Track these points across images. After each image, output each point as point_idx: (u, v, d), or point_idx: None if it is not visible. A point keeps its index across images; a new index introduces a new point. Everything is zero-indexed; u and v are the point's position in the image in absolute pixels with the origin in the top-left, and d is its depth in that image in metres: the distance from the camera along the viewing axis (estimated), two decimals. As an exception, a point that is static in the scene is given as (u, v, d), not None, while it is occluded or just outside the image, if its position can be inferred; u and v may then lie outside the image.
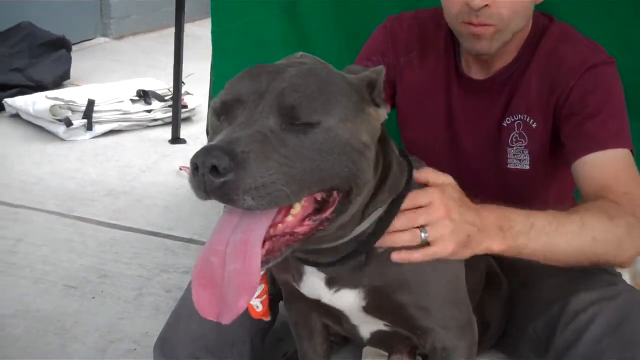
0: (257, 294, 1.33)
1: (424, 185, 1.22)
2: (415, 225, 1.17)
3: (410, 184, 1.22)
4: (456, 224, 1.18)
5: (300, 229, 1.05)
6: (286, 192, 0.96)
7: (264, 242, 1.00)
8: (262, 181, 0.94)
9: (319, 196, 1.05)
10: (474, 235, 1.21)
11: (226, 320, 0.98)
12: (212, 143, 0.96)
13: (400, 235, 1.17)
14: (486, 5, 1.48)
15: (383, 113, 1.15)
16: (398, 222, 1.17)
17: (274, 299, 1.59)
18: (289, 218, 1.04)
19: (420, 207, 1.18)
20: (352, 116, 1.05)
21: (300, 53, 1.24)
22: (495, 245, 1.24)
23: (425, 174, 1.23)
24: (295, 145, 0.99)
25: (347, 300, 1.27)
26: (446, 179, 1.24)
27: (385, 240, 1.17)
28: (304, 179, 0.99)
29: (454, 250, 1.19)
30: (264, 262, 1.00)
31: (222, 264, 0.98)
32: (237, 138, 0.96)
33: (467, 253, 1.22)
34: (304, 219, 1.05)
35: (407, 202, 1.18)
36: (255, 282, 0.97)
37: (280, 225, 1.03)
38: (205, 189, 0.93)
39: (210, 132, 1.11)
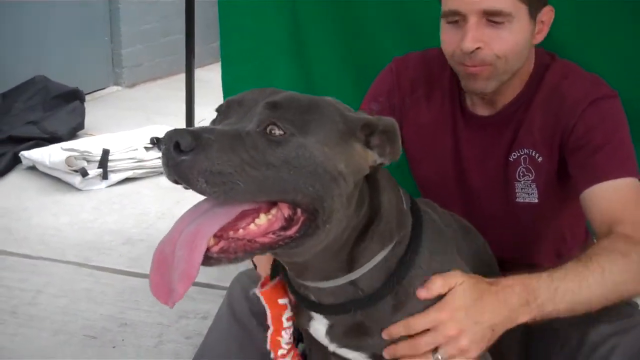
0: (283, 351, 1.36)
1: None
2: (422, 352, 1.18)
3: (419, 244, 1.23)
4: (473, 332, 1.18)
5: (260, 239, 1.07)
6: (241, 188, 0.99)
7: (219, 240, 1.04)
8: (218, 168, 0.98)
9: (286, 213, 1.07)
10: (499, 326, 1.22)
11: (171, 303, 1.02)
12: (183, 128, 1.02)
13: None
14: (478, 47, 1.51)
15: (373, 157, 1.15)
16: (400, 351, 1.19)
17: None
18: (252, 227, 1.06)
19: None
20: (331, 142, 1.08)
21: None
22: (523, 319, 1.25)
23: (431, 289, 1.21)
24: (266, 151, 1.02)
25: (352, 356, 1.28)
26: (455, 279, 1.22)
27: None
28: (265, 184, 1.02)
29: (478, 352, 1.20)
30: (214, 260, 1.04)
31: (172, 252, 1.03)
32: (211, 129, 1.02)
33: (494, 340, 1.23)
34: (268, 232, 1.07)
35: (402, 329, 1.20)
36: (194, 271, 1.01)
37: (240, 230, 1.06)
38: (167, 164, 0.99)
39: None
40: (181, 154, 0.97)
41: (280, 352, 1.36)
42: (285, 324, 1.33)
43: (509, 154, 1.66)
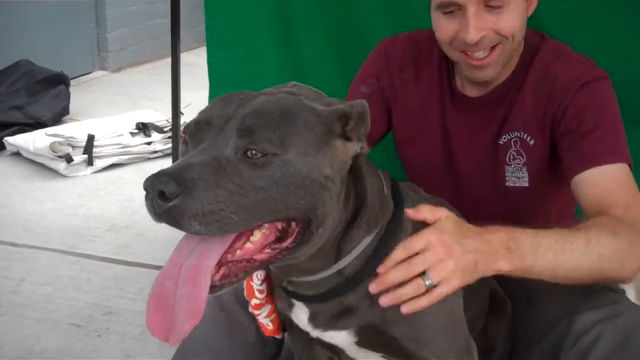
0: (265, 313, 1.35)
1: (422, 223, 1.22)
2: (414, 275, 1.16)
3: (401, 220, 1.22)
4: (458, 258, 1.18)
5: (258, 256, 1.07)
6: (235, 220, 0.98)
7: (220, 267, 1.03)
8: (209, 208, 0.96)
9: (280, 225, 1.06)
10: (480, 260, 1.20)
11: (173, 342, 1.01)
12: (164, 168, 0.99)
13: (402, 290, 1.16)
14: (482, 36, 1.49)
15: (353, 147, 1.14)
16: (394, 275, 1.16)
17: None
18: (248, 245, 1.06)
19: (416, 253, 1.17)
20: (313, 150, 1.05)
21: (293, 83, 1.26)
22: (503, 265, 1.23)
23: (419, 212, 1.22)
24: (250, 175, 1.00)
25: (338, 339, 1.27)
26: (442, 212, 1.23)
27: (389, 298, 1.16)
28: (257, 209, 1.00)
29: (461, 283, 1.19)
30: (218, 287, 1.03)
31: (175, 288, 1.02)
32: (190, 164, 0.99)
33: (475, 277, 1.22)
34: (264, 247, 1.07)
35: (400, 252, 1.18)
36: (202, 308, 1.00)
37: (238, 252, 1.05)
38: (154, 212, 0.97)
39: (181, 153, 1.14)
40: (167, 201, 0.95)
41: (254, 301, 1.34)
42: None
43: (498, 137, 1.65)
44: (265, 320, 1.37)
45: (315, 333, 1.29)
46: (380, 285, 1.17)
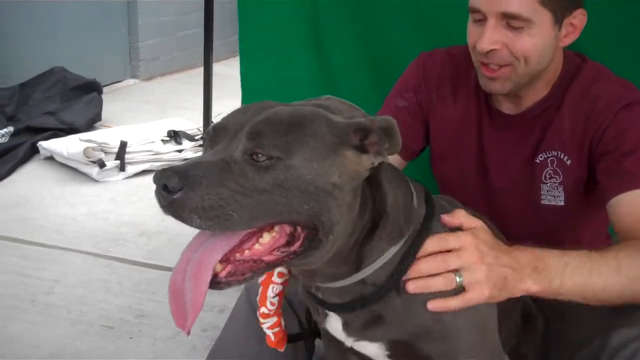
0: (269, 324, 1.39)
1: (457, 229, 1.23)
2: (448, 270, 1.17)
3: (429, 230, 1.22)
4: (491, 267, 1.18)
5: (266, 258, 1.09)
6: (235, 218, 1.01)
7: (227, 264, 1.06)
8: (209, 203, 0.99)
9: (288, 229, 1.09)
10: (510, 277, 1.21)
11: (186, 329, 1.05)
12: (174, 165, 1.04)
13: (433, 280, 1.17)
14: (494, 49, 1.51)
15: (369, 160, 1.14)
16: (427, 264, 1.17)
17: (307, 336, 1.61)
18: (257, 246, 1.08)
19: (450, 250, 1.18)
20: (319, 157, 1.07)
21: (327, 96, 1.28)
22: (532, 285, 1.24)
23: (457, 217, 1.24)
24: (254, 177, 1.03)
25: (370, 350, 1.28)
26: (479, 222, 1.24)
27: (418, 284, 1.17)
28: (259, 210, 1.03)
29: (491, 295, 1.19)
30: (223, 284, 1.06)
31: (182, 281, 1.06)
32: (198, 163, 1.04)
33: (503, 296, 1.22)
34: (273, 250, 1.09)
35: (433, 244, 1.18)
36: (201, 300, 1.04)
37: (247, 252, 1.08)
38: (160, 204, 1.02)
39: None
40: (171, 194, 0.99)
41: (262, 309, 1.36)
42: (276, 278, 1.34)
43: (535, 155, 1.65)
44: (269, 331, 1.39)
45: (349, 342, 1.30)
46: (413, 272, 1.18)
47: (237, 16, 2.62)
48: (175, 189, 0.99)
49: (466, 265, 1.17)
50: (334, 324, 1.31)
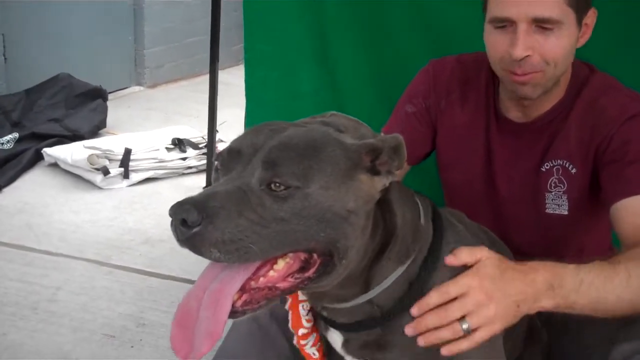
0: (311, 342, 1.37)
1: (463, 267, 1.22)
2: (450, 320, 1.17)
3: (439, 254, 1.22)
4: (499, 302, 1.18)
5: (281, 285, 1.08)
6: (254, 250, 1.00)
7: (242, 293, 1.05)
8: (229, 236, 0.98)
9: (302, 256, 1.08)
10: (523, 302, 1.21)
11: (190, 358, 1.04)
12: (190, 196, 1.02)
13: (440, 332, 1.17)
14: (528, 55, 1.50)
15: (381, 181, 1.14)
16: (431, 319, 1.17)
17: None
18: (272, 273, 1.07)
19: (455, 298, 1.18)
20: (336, 184, 1.07)
21: (331, 112, 1.27)
22: (547, 303, 1.24)
23: (458, 258, 1.22)
24: (272, 207, 1.02)
25: None
26: (482, 253, 1.23)
27: (427, 339, 1.17)
28: (277, 239, 1.02)
29: (503, 326, 1.19)
30: (239, 313, 1.05)
31: (197, 309, 1.04)
32: (215, 192, 1.02)
33: (518, 318, 1.22)
34: (287, 276, 1.09)
35: (435, 298, 1.18)
36: (220, 330, 1.02)
37: (262, 279, 1.07)
38: (178, 238, 1.00)
39: (213, 180, 1.17)
40: (190, 228, 0.97)
41: (301, 331, 1.35)
42: (302, 296, 1.32)
43: (541, 164, 1.65)
44: (312, 349, 1.37)
45: (348, 358, 1.30)
46: (416, 328, 1.18)
47: (241, 24, 2.62)
48: (195, 223, 0.97)
49: (472, 310, 1.17)
50: (335, 338, 1.31)
